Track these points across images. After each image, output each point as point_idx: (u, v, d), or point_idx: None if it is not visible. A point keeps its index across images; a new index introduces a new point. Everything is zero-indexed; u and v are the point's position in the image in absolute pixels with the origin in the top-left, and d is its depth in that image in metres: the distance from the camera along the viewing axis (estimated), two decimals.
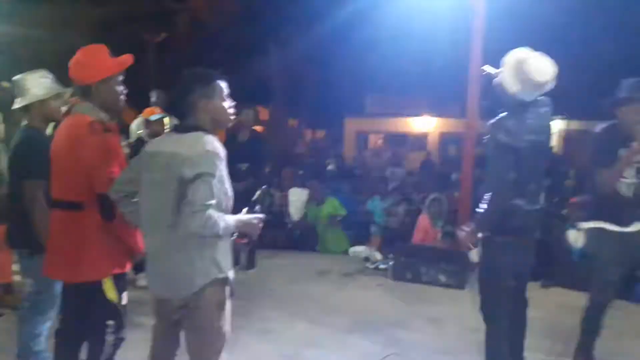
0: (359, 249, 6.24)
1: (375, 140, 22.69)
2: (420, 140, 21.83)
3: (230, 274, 2.21)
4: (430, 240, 5.63)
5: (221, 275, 2.14)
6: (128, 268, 2.62)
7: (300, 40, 17.46)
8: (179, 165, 2.05)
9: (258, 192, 2.49)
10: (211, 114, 2.21)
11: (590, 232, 3.37)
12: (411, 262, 5.13)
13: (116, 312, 2.53)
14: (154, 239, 2.19)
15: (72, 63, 2.49)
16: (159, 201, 2.13)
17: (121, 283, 2.57)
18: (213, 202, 2.01)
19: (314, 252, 6.55)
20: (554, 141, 21.09)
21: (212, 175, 2.03)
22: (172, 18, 16.83)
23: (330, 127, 26.01)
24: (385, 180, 12.23)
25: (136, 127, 5.34)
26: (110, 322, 2.50)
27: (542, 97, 2.79)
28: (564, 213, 5.37)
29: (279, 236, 8.71)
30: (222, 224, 2.03)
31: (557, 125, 22.24)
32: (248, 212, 2.38)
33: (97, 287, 2.45)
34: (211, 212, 1.99)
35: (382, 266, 5.46)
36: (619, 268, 3.20)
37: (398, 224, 7.95)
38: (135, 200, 2.26)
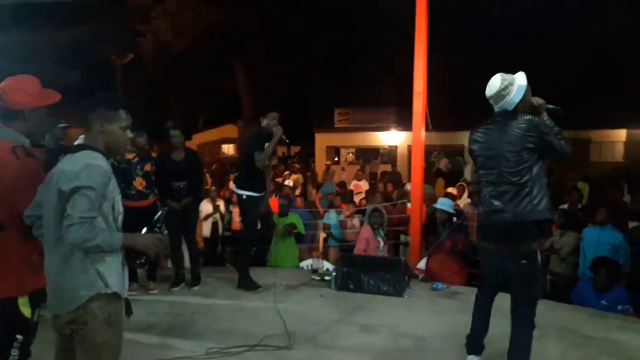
0: (308, 262, 6.33)
1: (345, 154, 22.94)
2: (390, 153, 22.17)
3: (121, 291, 2.27)
4: (371, 250, 5.74)
5: (108, 291, 2.19)
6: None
7: (265, 58, 17.73)
8: (61, 180, 2.13)
9: (160, 212, 2.55)
10: (106, 137, 2.30)
11: None
12: (353, 272, 5.23)
13: (26, 327, 2.58)
14: (48, 256, 2.27)
15: (5, 87, 2.54)
16: (47, 218, 2.22)
17: (37, 299, 2.64)
18: (93, 215, 2.07)
19: (267, 267, 6.58)
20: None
21: (91, 188, 2.08)
22: (137, 39, 16.92)
23: (303, 142, 26.20)
24: (351, 193, 12.41)
25: None
26: (19, 337, 2.55)
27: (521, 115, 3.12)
28: None
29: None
30: (104, 238, 2.08)
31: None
32: (148, 231, 2.45)
33: (12, 301, 2.50)
34: (90, 225, 2.05)
35: (327, 277, 5.54)
36: None
37: (355, 236, 8.10)
38: None
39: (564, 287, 5.80)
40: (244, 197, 5.13)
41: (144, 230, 2.42)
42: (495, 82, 3.14)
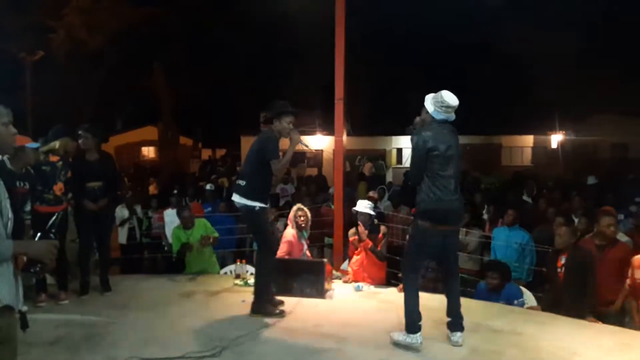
0: (231, 267, 6.23)
1: None
2: (316, 157, 22.38)
3: (14, 303, 2.11)
4: (296, 253, 5.73)
5: None
6: None
7: (188, 61, 17.25)
8: None
9: (54, 217, 2.41)
10: None
11: None
12: (276, 275, 5.19)
13: None
14: None
15: None
16: None
17: None
18: None
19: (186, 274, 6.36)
20: None
21: None
22: (49, 36, 15.90)
23: (229, 146, 25.78)
24: (277, 197, 12.39)
25: None
26: None
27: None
28: None
29: (158, 260, 8.48)
30: None
31: None
32: (42, 237, 2.30)
33: None
34: None
35: (250, 282, 5.47)
36: None
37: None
38: None
39: (472, 283, 6.10)
40: (257, 208, 4.48)
41: (38, 235, 2.28)
42: (455, 98, 3.81)
